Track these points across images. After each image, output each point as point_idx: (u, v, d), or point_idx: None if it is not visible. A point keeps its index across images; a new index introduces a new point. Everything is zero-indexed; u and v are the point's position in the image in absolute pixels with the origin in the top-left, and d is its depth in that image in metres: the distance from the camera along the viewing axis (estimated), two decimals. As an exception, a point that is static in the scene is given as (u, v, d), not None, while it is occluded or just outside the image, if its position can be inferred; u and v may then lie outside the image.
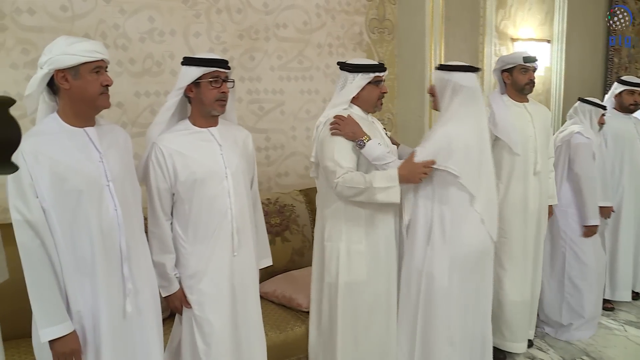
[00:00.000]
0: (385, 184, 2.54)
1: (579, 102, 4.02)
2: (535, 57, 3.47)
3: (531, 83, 3.45)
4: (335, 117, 2.61)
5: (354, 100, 2.71)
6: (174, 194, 2.37)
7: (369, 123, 2.73)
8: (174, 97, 2.36)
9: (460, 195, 2.65)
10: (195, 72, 2.31)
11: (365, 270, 2.67)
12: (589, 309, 3.92)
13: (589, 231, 3.84)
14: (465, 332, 2.76)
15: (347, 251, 2.66)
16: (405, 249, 2.79)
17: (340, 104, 2.70)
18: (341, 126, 2.58)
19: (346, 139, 2.58)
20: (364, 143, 2.57)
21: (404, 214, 2.77)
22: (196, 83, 2.33)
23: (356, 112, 2.71)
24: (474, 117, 2.69)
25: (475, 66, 2.77)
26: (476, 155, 2.68)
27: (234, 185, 2.40)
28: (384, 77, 2.74)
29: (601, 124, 4.07)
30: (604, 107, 4.02)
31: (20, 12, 2.94)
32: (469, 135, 2.66)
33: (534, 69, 3.47)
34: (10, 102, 0.85)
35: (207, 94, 2.35)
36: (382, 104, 2.80)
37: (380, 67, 2.70)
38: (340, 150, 2.59)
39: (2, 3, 2.90)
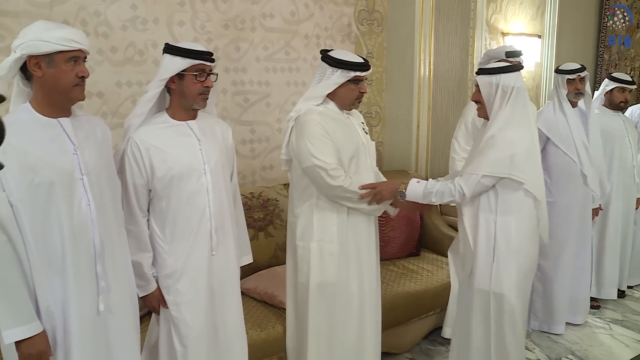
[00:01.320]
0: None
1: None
2: (519, 51, 3.42)
3: None
4: (364, 188, 2.54)
5: (330, 96, 2.60)
6: (150, 190, 2.29)
7: (342, 120, 2.63)
8: (156, 88, 2.26)
9: (525, 202, 2.56)
10: (180, 63, 2.22)
11: (337, 271, 2.61)
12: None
13: None
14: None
15: (320, 251, 2.59)
16: (464, 267, 2.72)
17: (315, 98, 2.59)
18: (378, 196, 2.56)
19: (387, 199, 2.59)
20: (404, 192, 2.57)
21: (468, 232, 2.63)
22: (179, 75, 2.24)
23: (331, 108, 2.61)
24: (527, 118, 2.59)
25: (517, 64, 2.67)
26: (536, 158, 2.61)
27: (212, 181, 2.33)
28: (364, 77, 2.62)
29: (577, 90, 3.80)
30: (572, 71, 3.79)
31: (-4, -4, 2.84)
32: (527, 137, 2.56)
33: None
34: (1, 99, 0.82)
35: (191, 87, 2.26)
36: (360, 102, 2.69)
37: (362, 66, 2.56)
38: (319, 146, 2.49)
39: (-23, -13, 2.80)
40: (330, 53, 2.59)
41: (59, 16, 3.01)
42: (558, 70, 3.85)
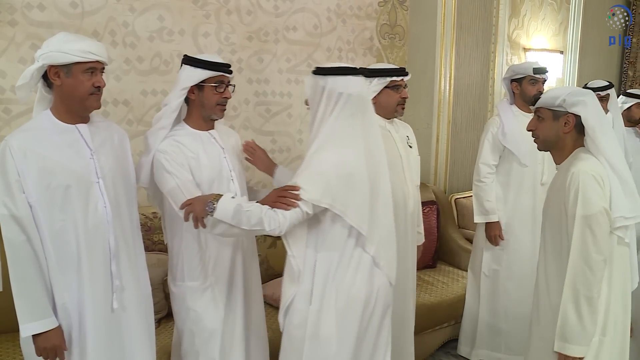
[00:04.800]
0: None
1: None
2: (545, 68, 3.44)
3: (540, 95, 3.41)
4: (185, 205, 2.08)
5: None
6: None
7: (383, 132, 2.68)
8: (179, 98, 2.28)
9: (349, 236, 2.12)
10: (201, 74, 2.26)
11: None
12: None
13: None
14: None
15: None
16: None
17: None
18: (192, 211, 2.04)
19: (200, 214, 2.02)
20: (215, 206, 1.99)
21: (290, 270, 2.16)
22: (199, 85, 2.28)
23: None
24: (361, 135, 2.14)
25: (358, 67, 2.19)
26: (365, 185, 2.13)
27: (240, 187, 2.39)
28: (404, 82, 2.72)
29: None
30: (592, 89, 3.30)
31: (30, 7, 2.96)
32: (353, 159, 2.11)
33: (544, 81, 3.44)
34: None
35: (210, 98, 2.30)
36: (403, 109, 2.79)
37: (396, 71, 2.68)
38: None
39: (14, -2, 2.93)
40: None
41: (90, 27, 3.13)
42: (584, 87, 3.85)
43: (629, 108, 4.22)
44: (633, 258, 2.26)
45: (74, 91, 1.97)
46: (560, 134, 2.24)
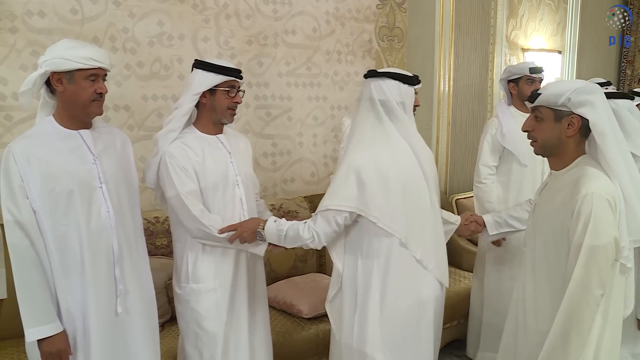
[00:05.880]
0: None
1: None
2: (541, 67, 3.44)
3: (537, 91, 3.42)
4: (224, 231, 2.24)
5: None
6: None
7: None
8: (190, 102, 2.31)
9: (390, 243, 2.12)
10: (214, 78, 2.29)
11: None
12: None
13: None
14: None
15: None
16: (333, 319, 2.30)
17: None
18: (239, 233, 2.23)
19: (249, 241, 2.25)
20: (263, 234, 2.21)
21: (334, 278, 2.23)
22: (210, 90, 2.31)
23: None
24: (392, 139, 2.15)
25: (400, 72, 2.21)
26: (398, 188, 2.11)
27: (245, 192, 2.41)
28: (416, 90, 2.68)
29: None
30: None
31: (31, 14, 2.98)
32: (384, 162, 2.10)
33: (540, 80, 3.44)
34: None
35: (222, 102, 2.34)
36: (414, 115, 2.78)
37: (408, 79, 2.63)
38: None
39: (14, 5, 2.93)
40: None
41: (90, 32, 3.15)
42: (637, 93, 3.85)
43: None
44: (630, 282, 2.04)
45: (76, 97, 1.98)
46: (562, 137, 1.95)
